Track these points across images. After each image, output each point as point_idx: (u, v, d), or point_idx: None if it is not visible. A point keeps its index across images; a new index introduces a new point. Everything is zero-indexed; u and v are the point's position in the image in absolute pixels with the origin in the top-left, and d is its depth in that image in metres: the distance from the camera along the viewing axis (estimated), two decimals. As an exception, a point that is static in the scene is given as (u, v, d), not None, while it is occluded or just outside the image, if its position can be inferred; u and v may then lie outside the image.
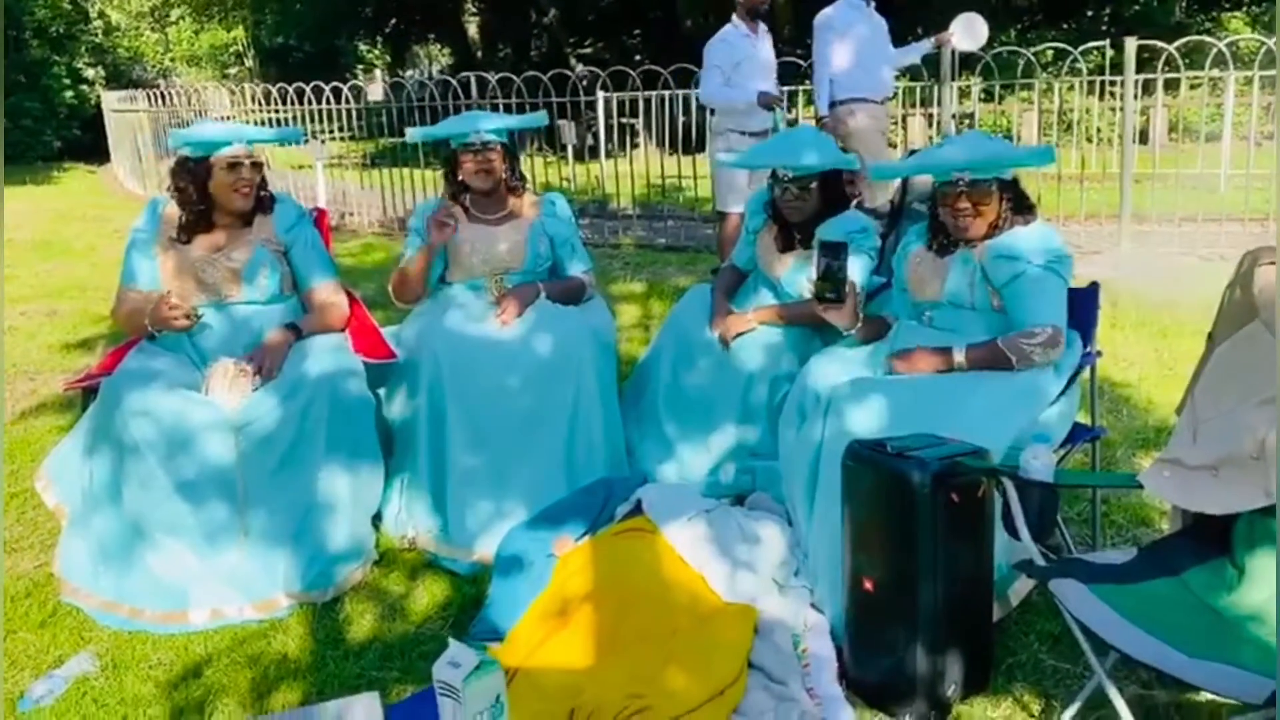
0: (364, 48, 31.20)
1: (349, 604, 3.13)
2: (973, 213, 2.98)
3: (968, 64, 8.17)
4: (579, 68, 14.19)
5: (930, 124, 9.21)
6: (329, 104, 10.24)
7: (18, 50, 18.73)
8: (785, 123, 6.20)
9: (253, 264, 3.43)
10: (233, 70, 32.52)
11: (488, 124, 3.77)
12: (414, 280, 3.76)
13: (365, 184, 11.08)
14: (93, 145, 18.68)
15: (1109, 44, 8.16)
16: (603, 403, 3.63)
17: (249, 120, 11.58)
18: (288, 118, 10.68)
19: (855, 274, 3.47)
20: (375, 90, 17.37)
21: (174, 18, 23.73)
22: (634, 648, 2.66)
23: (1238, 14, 15.23)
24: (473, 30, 23.99)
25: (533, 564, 3.07)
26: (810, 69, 6.94)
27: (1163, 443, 3.87)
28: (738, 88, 5.99)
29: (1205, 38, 8.04)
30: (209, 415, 3.11)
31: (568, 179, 10.24)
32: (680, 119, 8.99)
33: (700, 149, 8.54)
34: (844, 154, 3.75)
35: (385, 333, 3.69)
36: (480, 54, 23.01)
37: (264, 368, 3.28)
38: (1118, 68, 7.58)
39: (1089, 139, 9.72)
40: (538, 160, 11.24)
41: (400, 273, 3.80)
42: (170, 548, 3.09)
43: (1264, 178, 7.69)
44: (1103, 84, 8.65)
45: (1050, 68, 10.01)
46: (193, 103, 13.16)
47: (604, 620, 2.76)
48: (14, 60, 18.55)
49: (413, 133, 4.10)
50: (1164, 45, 7.27)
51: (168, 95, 13.39)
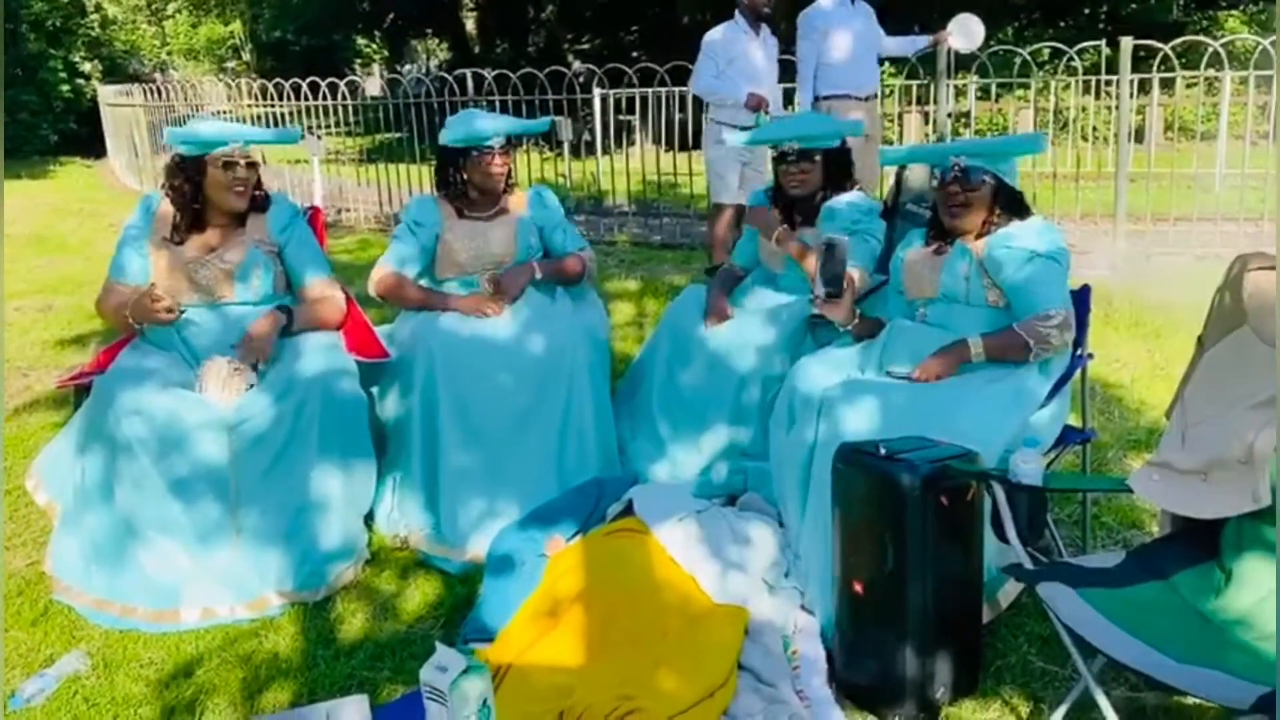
0: (361, 42, 31.16)
1: (340, 603, 3.13)
2: (964, 200, 3.01)
3: (964, 62, 8.17)
4: (576, 64, 14.20)
5: (926, 122, 9.21)
6: (326, 99, 10.22)
7: (14, 44, 18.68)
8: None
9: (246, 265, 3.42)
10: (230, 64, 32.51)
11: (500, 125, 3.80)
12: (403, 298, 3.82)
13: (362, 180, 11.06)
14: (89, 139, 18.64)
15: (1105, 43, 8.17)
16: (595, 401, 3.64)
17: (245, 115, 11.58)
18: (284, 113, 10.66)
19: (859, 257, 3.50)
20: (372, 85, 17.38)
21: (170, 11, 23.70)
22: (624, 649, 2.66)
23: (1234, 13, 15.20)
24: (470, 25, 23.98)
25: (524, 564, 3.07)
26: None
27: (1154, 444, 3.87)
28: (728, 82, 6.00)
29: (1201, 37, 8.03)
30: (202, 414, 3.11)
31: (564, 175, 10.22)
32: (677, 116, 8.98)
33: (697, 146, 8.54)
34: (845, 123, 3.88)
35: (379, 331, 3.69)
36: (478, 49, 22.99)
37: (255, 353, 3.28)
38: (1114, 66, 7.58)
39: (1084, 138, 9.72)
40: (534, 156, 11.24)
41: (394, 298, 3.83)
42: (162, 546, 3.09)
43: (1259, 177, 7.70)
44: (1098, 83, 8.65)
45: (1046, 66, 10.01)
46: (189, 97, 13.13)
47: (595, 621, 2.76)
48: (10, 54, 18.49)
49: (444, 136, 3.91)
50: (1160, 45, 7.27)
51: (164, 90, 13.36)
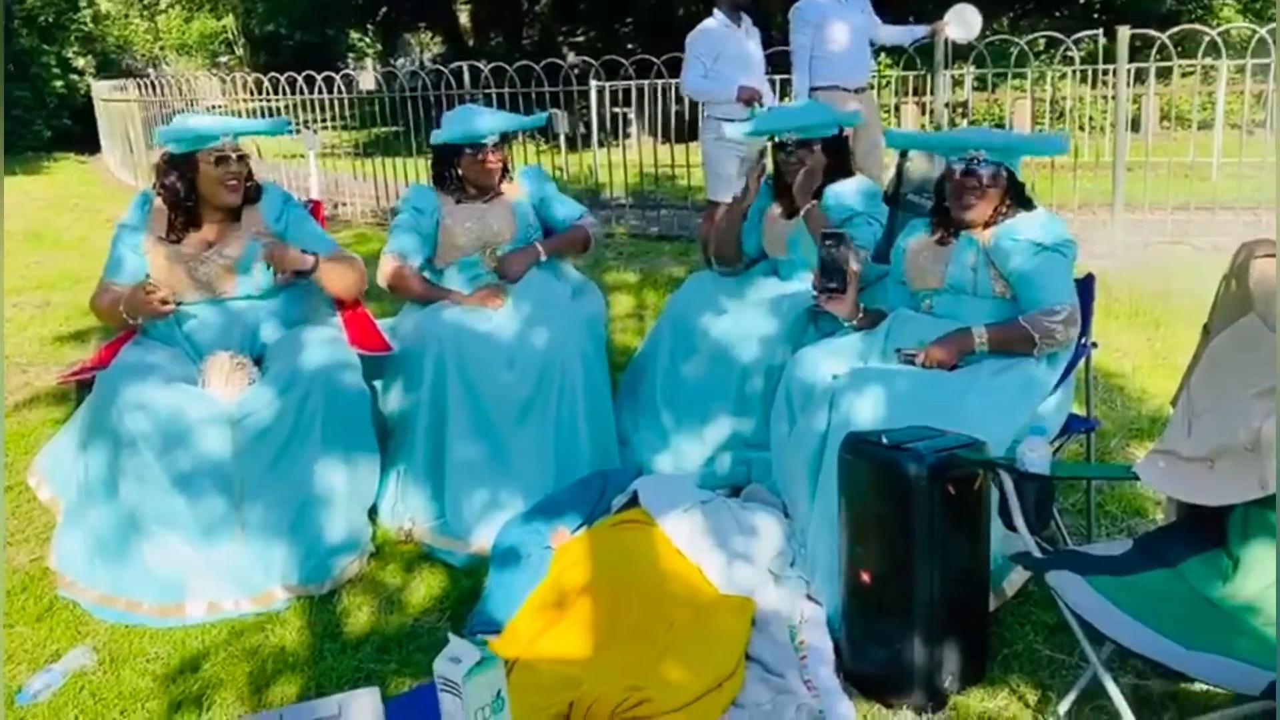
0: (355, 35, 31.06)
1: (346, 596, 3.13)
2: (980, 193, 2.99)
3: (961, 53, 8.16)
4: (571, 56, 14.17)
5: (924, 113, 9.21)
6: (320, 93, 10.19)
7: (7, 40, 18.60)
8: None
9: (246, 258, 3.40)
10: (223, 58, 32.39)
11: (496, 123, 3.82)
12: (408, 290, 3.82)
13: (358, 174, 11.04)
14: (83, 135, 18.58)
15: (1102, 32, 8.17)
16: (589, 393, 3.62)
17: (239, 109, 11.54)
18: (279, 107, 10.63)
19: (861, 239, 3.51)
20: (367, 79, 17.32)
21: (163, 6, 23.60)
22: (632, 640, 2.66)
23: (1229, 1, 15.21)
24: (464, 18, 23.88)
25: (530, 556, 3.07)
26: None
27: (1157, 432, 3.87)
28: (718, 79, 5.99)
29: (1198, 26, 8.04)
30: (205, 409, 3.11)
31: (560, 168, 10.22)
32: (673, 107, 8.97)
33: (694, 137, 8.53)
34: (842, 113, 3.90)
35: (381, 325, 3.68)
36: (472, 42, 22.90)
37: (273, 251, 3.38)
38: (1110, 56, 7.58)
39: (1081, 127, 9.73)
40: (530, 149, 11.22)
41: (400, 290, 3.83)
42: (167, 541, 3.09)
43: (1256, 166, 7.70)
44: (1095, 72, 8.65)
45: (1043, 56, 10.00)
46: (183, 92, 13.09)
47: (601, 612, 2.76)
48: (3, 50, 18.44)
49: (437, 135, 3.95)
50: (1156, 34, 7.27)
51: (158, 84, 13.32)
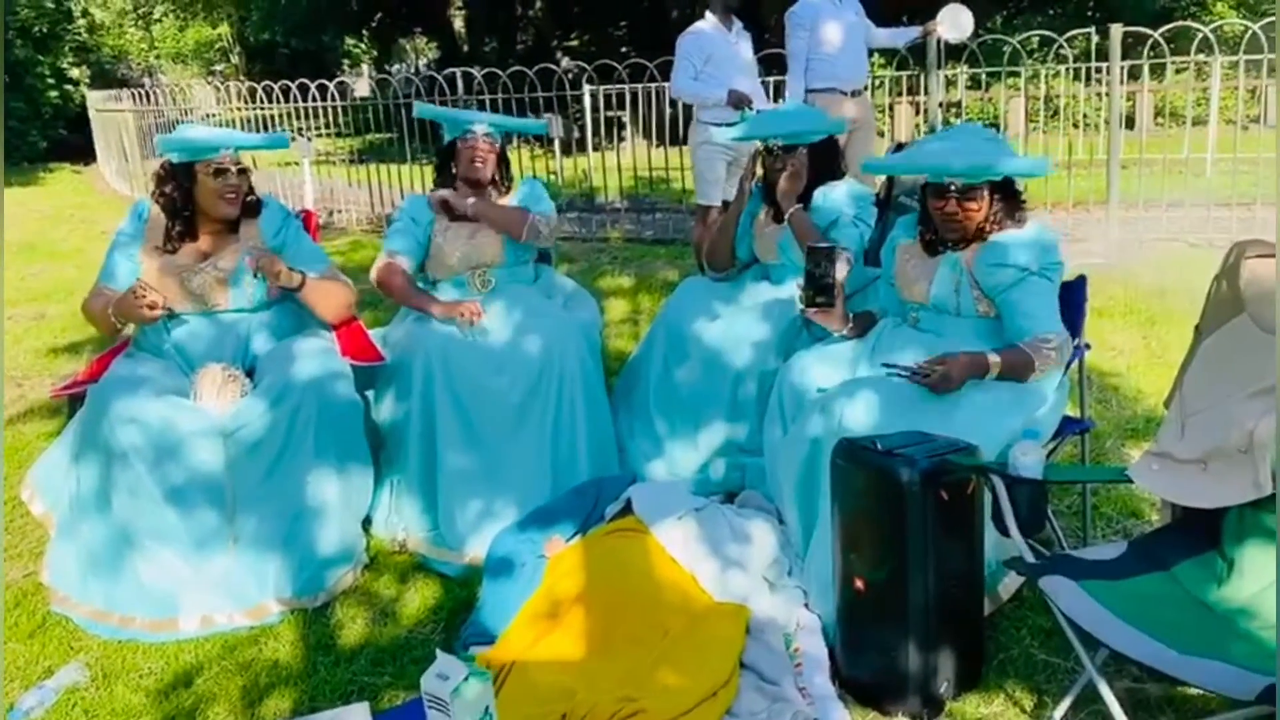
0: (350, 42, 31.05)
1: (340, 609, 3.12)
2: (961, 216, 2.94)
3: (954, 52, 8.16)
4: (565, 61, 14.17)
5: (917, 112, 9.20)
6: (315, 101, 10.19)
7: (3, 51, 18.60)
8: None
9: (239, 271, 3.39)
10: (218, 67, 32.38)
11: (490, 118, 3.88)
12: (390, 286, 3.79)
13: (353, 181, 11.03)
14: (79, 145, 18.56)
15: (1094, 30, 8.16)
16: (587, 399, 3.62)
17: (234, 118, 11.54)
18: (274, 115, 10.62)
19: (848, 243, 3.50)
20: (362, 86, 17.34)
21: (158, 15, 23.58)
22: (626, 649, 2.65)
23: (1223, -3, 15.21)
24: (459, 24, 23.91)
25: (524, 565, 3.06)
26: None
27: (1152, 432, 3.87)
28: (708, 81, 5.98)
29: (1191, 23, 8.03)
30: (197, 421, 3.10)
31: (554, 173, 10.20)
32: (667, 111, 8.96)
33: (687, 141, 8.54)
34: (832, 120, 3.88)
35: (373, 335, 3.67)
36: (466, 47, 22.93)
37: (261, 257, 3.35)
38: (1103, 53, 7.58)
39: (1075, 124, 9.72)
40: (524, 153, 11.22)
41: (387, 281, 3.78)
42: (160, 555, 3.08)
43: (1250, 162, 7.69)
44: (1088, 70, 8.64)
45: (1036, 54, 10.00)
46: (178, 101, 13.08)
47: (596, 622, 2.75)
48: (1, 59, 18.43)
49: (420, 108, 4.08)
50: (1149, 31, 7.26)
51: (153, 94, 13.31)
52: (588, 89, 9.48)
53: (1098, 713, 2.34)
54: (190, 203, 3.38)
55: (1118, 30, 7.07)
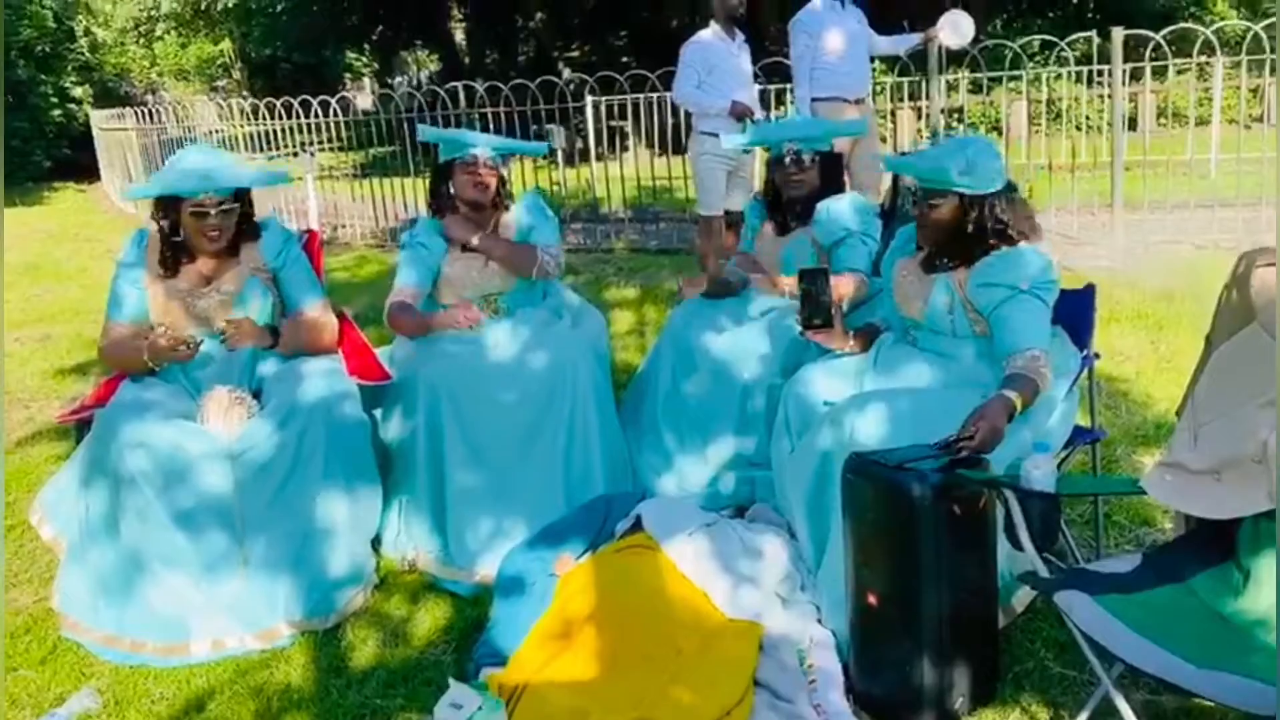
0: (352, 55, 31.12)
1: (351, 630, 3.11)
2: (926, 220, 2.98)
3: (955, 57, 8.16)
4: (566, 72, 14.18)
5: (920, 118, 9.20)
6: (317, 117, 10.21)
7: (4, 70, 18.67)
8: None
9: (244, 294, 3.40)
10: (221, 83, 32.48)
11: (491, 140, 3.81)
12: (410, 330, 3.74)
13: (357, 195, 11.05)
14: (83, 164, 18.64)
15: (1095, 33, 8.16)
16: (599, 414, 3.61)
17: (237, 134, 11.56)
18: (276, 130, 10.65)
19: (856, 261, 3.48)
20: (364, 99, 17.36)
21: (160, 32, 23.65)
22: (639, 668, 2.64)
23: (1224, -4, 15.22)
24: (459, 36, 23.98)
25: (534, 584, 3.05)
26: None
27: (1162, 439, 3.86)
28: (710, 91, 5.99)
29: (1191, 25, 8.02)
30: (205, 444, 3.09)
31: (558, 184, 10.23)
32: (669, 120, 8.98)
33: (688, 150, 8.56)
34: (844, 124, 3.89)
35: (379, 353, 3.67)
36: (468, 60, 23.00)
37: (235, 330, 3.35)
38: (1105, 55, 7.57)
39: (1078, 127, 9.71)
40: (528, 165, 11.21)
41: (395, 319, 3.73)
42: (169, 579, 3.07)
43: (1254, 161, 7.68)
44: (1090, 73, 8.64)
45: (1037, 58, 9.99)
46: (181, 118, 13.11)
47: (608, 641, 2.74)
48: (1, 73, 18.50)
49: (424, 131, 4.01)
50: (1151, 34, 7.25)
51: (156, 112, 13.34)
52: (590, 100, 9.50)
53: (1114, 726, 2.33)
54: (180, 229, 3.37)
55: (1119, 34, 7.07)
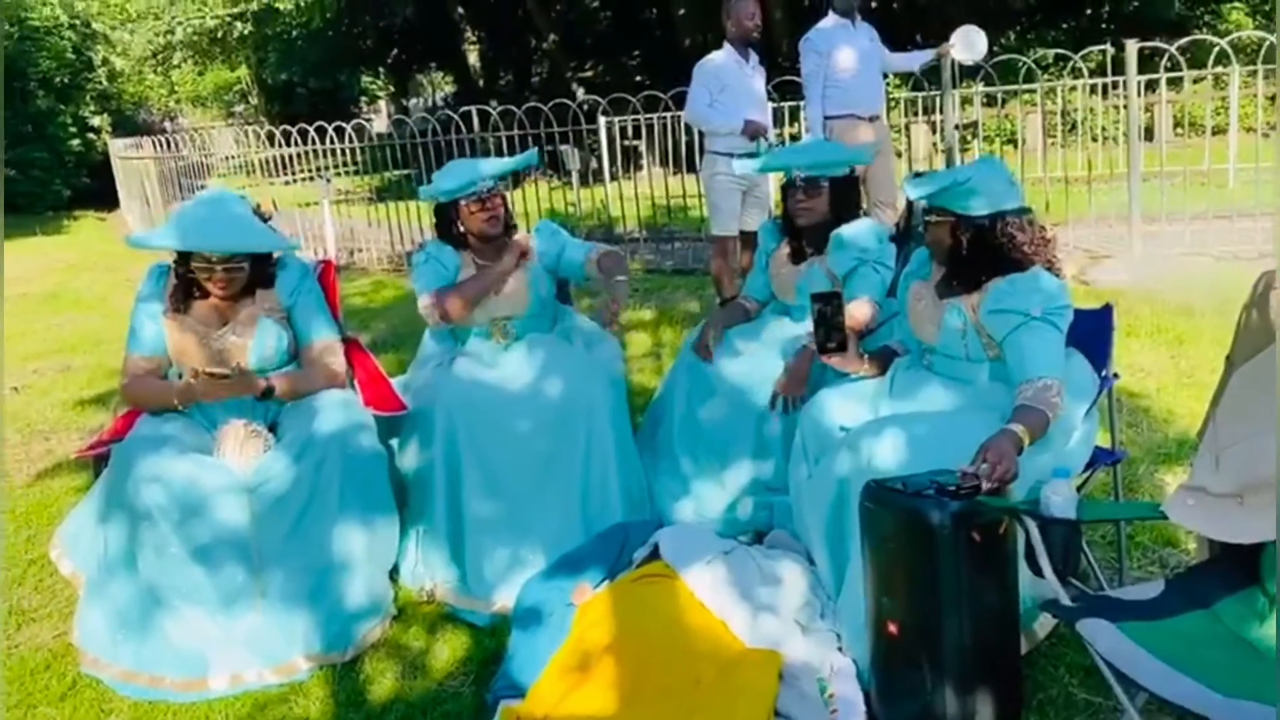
0: (368, 79, 31.33)
1: (369, 663, 3.10)
2: (930, 241, 3.00)
3: (969, 71, 8.15)
4: (580, 93, 14.23)
5: (934, 132, 9.18)
6: (333, 143, 10.27)
7: (23, 101, 18.89)
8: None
9: (260, 335, 3.39)
10: (238, 109, 32.75)
11: (488, 169, 3.77)
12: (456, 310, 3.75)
13: (373, 220, 11.09)
14: (102, 192, 18.82)
15: (1110, 44, 8.13)
16: (617, 441, 3.60)
17: (255, 160, 11.64)
18: (293, 155, 10.73)
19: (870, 289, 3.47)
20: (380, 121, 17.47)
21: (177, 60, 23.85)
22: (658, 701, 2.62)
23: (1237, 4, 15.11)
24: (473, 58, 24.09)
25: (552, 615, 3.03)
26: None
27: (1184, 456, 3.81)
28: (723, 111, 5.99)
29: (1205, 35, 7.99)
30: (221, 478, 3.09)
31: (573, 204, 10.24)
32: (683, 139, 9.00)
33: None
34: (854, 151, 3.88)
35: (394, 383, 3.66)
36: (482, 82, 23.10)
37: (233, 390, 3.27)
38: (1119, 66, 7.54)
39: (1094, 139, 9.67)
40: (542, 186, 11.25)
41: (448, 317, 3.75)
42: (187, 614, 3.07)
43: (1272, 171, 7.61)
44: (1105, 84, 8.61)
45: (1051, 69, 9.97)
46: (198, 145, 13.21)
47: (626, 672, 2.72)
48: (20, 111, 18.71)
49: (424, 192, 3.94)
50: (1165, 46, 7.22)
51: (174, 140, 13.45)
52: (603, 121, 9.53)
53: (1141, 755, 2.29)
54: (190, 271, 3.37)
55: (1133, 47, 7.04)
